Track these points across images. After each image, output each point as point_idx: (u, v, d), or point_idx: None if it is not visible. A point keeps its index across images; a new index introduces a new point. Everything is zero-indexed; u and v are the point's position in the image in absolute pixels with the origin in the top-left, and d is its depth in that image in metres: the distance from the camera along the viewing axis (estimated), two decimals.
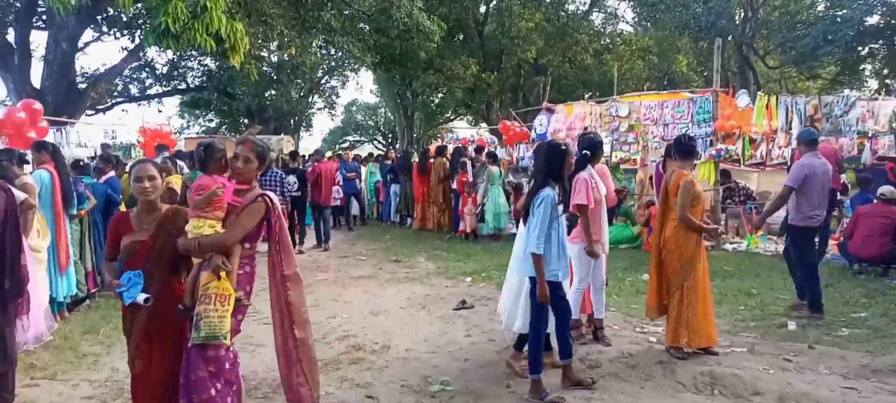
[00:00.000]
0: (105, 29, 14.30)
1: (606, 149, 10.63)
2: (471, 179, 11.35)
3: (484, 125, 30.74)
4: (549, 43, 27.35)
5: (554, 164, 4.28)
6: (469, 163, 11.81)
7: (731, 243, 10.14)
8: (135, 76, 27.71)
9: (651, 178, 10.20)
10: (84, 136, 9.58)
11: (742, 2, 23.32)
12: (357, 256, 10.67)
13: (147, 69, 27.72)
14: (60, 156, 5.77)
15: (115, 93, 27.45)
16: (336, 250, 11.38)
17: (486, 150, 12.34)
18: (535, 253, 4.10)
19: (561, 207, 4.27)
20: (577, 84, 28.94)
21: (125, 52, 15.22)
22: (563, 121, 11.15)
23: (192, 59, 28.35)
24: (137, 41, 14.57)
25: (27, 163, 6.24)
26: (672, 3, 22.10)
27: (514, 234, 11.33)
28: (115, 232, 3.35)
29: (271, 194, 3.41)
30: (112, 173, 7.32)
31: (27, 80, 13.49)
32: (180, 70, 28.43)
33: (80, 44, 14.28)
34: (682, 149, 5.15)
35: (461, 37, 28.01)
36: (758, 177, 12.25)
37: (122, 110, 27.99)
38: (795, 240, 6.24)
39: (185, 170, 8.33)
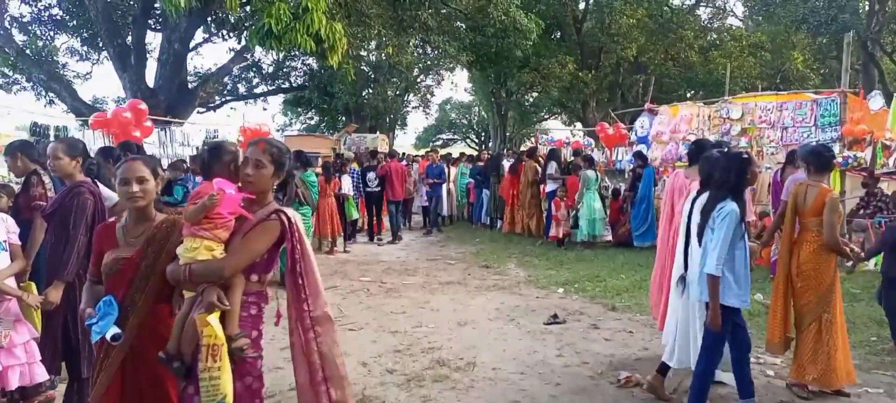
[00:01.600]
0: (214, 30, 14.90)
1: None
2: (554, 186, 10.91)
3: (578, 125, 29.83)
4: (651, 40, 26.08)
5: (736, 176, 3.81)
6: (554, 166, 11.32)
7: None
8: (243, 76, 29.07)
9: (769, 187, 9.25)
10: (188, 135, 9.90)
11: None
12: (446, 260, 10.41)
13: (254, 69, 28.99)
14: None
15: (225, 92, 28.92)
16: (425, 251, 11.20)
17: (582, 153, 11.74)
18: (713, 275, 3.66)
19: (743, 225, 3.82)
20: (680, 83, 27.47)
21: (232, 53, 15.83)
22: (667, 124, 10.37)
23: (295, 59, 29.38)
24: (244, 42, 15.08)
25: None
26: None
27: (609, 242, 10.88)
28: (98, 248, 2.68)
29: (289, 211, 2.67)
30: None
31: (142, 80, 14.20)
32: (285, 70, 29.51)
33: (192, 45, 14.87)
34: (821, 160, 4.47)
35: (558, 34, 27.27)
36: (887, 186, 10.89)
37: (231, 108, 29.43)
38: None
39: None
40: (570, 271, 9.11)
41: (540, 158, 12.17)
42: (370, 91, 26.08)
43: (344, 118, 27.44)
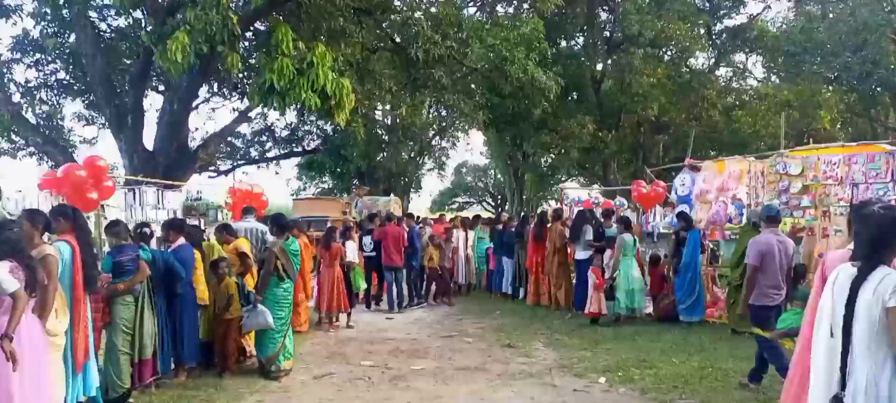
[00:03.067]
0: (215, 89, 14.04)
1: None
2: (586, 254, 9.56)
3: (597, 186, 28.59)
4: (672, 100, 25.07)
5: (892, 239, 2.71)
6: (590, 231, 9.93)
7: None
8: (256, 140, 28.41)
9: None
10: (164, 197, 8.68)
11: None
12: (463, 337, 8.98)
13: (267, 133, 28.33)
14: (83, 225, 4.59)
15: (238, 157, 28.18)
16: (440, 326, 9.77)
17: (616, 215, 10.36)
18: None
19: None
20: (704, 142, 26.26)
21: (236, 113, 14.95)
22: (713, 181, 9.04)
23: (310, 123, 28.75)
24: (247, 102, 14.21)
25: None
26: (820, 52, 19.22)
27: (650, 316, 9.40)
28: None
29: None
30: (181, 241, 6.18)
31: (139, 142, 13.26)
32: (298, 134, 28.83)
33: (195, 104, 13.96)
34: None
35: (575, 96, 26.35)
36: None
37: (243, 172, 28.68)
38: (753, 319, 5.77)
39: (270, 236, 7.13)
40: (609, 353, 7.65)
41: (567, 221, 10.82)
42: (383, 154, 25.14)
43: (357, 181, 26.45)
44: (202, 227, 8.58)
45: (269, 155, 28.74)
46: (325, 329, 9.31)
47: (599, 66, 26.15)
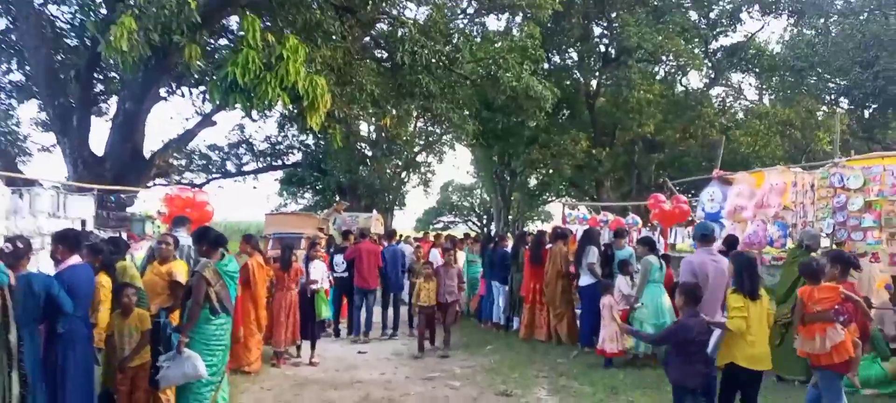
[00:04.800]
0: (173, 88, 12.36)
1: (824, 239, 6.86)
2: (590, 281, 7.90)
3: (586, 200, 27.14)
4: (668, 117, 23.81)
5: None
6: (595, 253, 8.28)
7: None
8: (233, 152, 26.72)
9: None
10: (65, 203, 6.83)
11: None
12: (448, 379, 7.30)
13: (245, 145, 26.66)
14: None
15: (214, 169, 26.43)
16: (420, 365, 8.06)
17: (629, 235, 8.73)
18: None
19: None
20: (700, 161, 24.96)
21: (200, 117, 13.30)
22: (749, 196, 7.48)
23: (291, 137, 27.14)
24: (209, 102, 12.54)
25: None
26: (827, 67, 17.96)
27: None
28: None
29: None
30: (74, 261, 4.48)
31: (85, 145, 11.52)
32: (278, 148, 27.22)
33: (149, 107, 12.25)
34: None
35: (567, 112, 24.97)
36: None
37: (219, 186, 26.97)
38: None
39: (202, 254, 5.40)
40: None
41: (572, 241, 9.18)
42: (366, 168, 23.53)
43: (338, 197, 24.79)
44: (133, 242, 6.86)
45: (247, 168, 27.08)
46: (278, 364, 7.63)
47: (593, 82, 24.86)
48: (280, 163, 27.29)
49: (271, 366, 7.67)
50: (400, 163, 26.83)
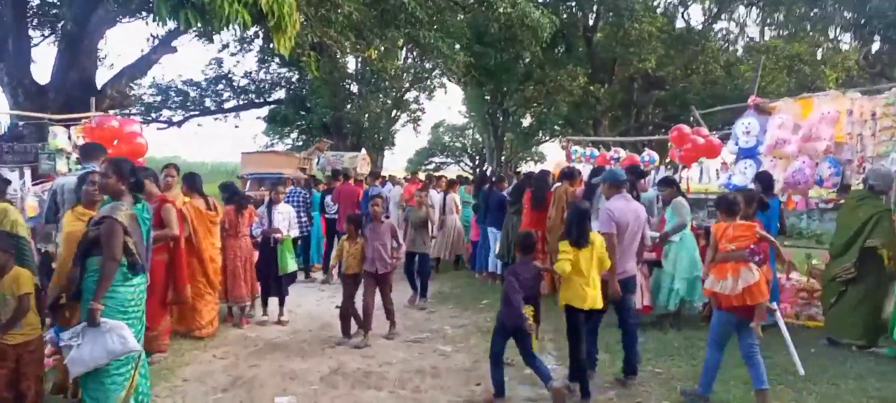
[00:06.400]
0: (117, 6, 10.71)
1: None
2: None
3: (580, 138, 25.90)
4: (670, 53, 22.30)
5: None
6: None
7: None
8: (212, 89, 25.08)
9: None
10: None
11: None
12: (436, 342, 6.16)
13: (224, 81, 25.00)
14: None
15: (192, 107, 24.83)
16: (405, 324, 6.89)
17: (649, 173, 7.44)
18: None
19: None
20: (704, 99, 23.61)
21: (156, 41, 11.73)
22: (793, 128, 6.21)
23: (272, 73, 25.48)
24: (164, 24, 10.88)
25: None
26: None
27: (702, 312, 6.29)
28: None
29: None
30: None
31: (26, 72, 9.98)
32: (260, 84, 25.58)
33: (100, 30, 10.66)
34: None
35: (564, 47, 23.36)
36: None
37: (198, 124, 25.46)
38: None
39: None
40: (657, 376, 4.91)
41: (579, 182, 7.89)
42: (352, 105, 21.99)
43: (323, 136, 23.38)
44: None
45: (227, 106, 25.49)
46: (240, 325, 6.48)
47: (592, 16, 23.19)
48: (262, 100, 25.71)
49: (233, 327, 6.51)
50: (388, 101, 25.27)
